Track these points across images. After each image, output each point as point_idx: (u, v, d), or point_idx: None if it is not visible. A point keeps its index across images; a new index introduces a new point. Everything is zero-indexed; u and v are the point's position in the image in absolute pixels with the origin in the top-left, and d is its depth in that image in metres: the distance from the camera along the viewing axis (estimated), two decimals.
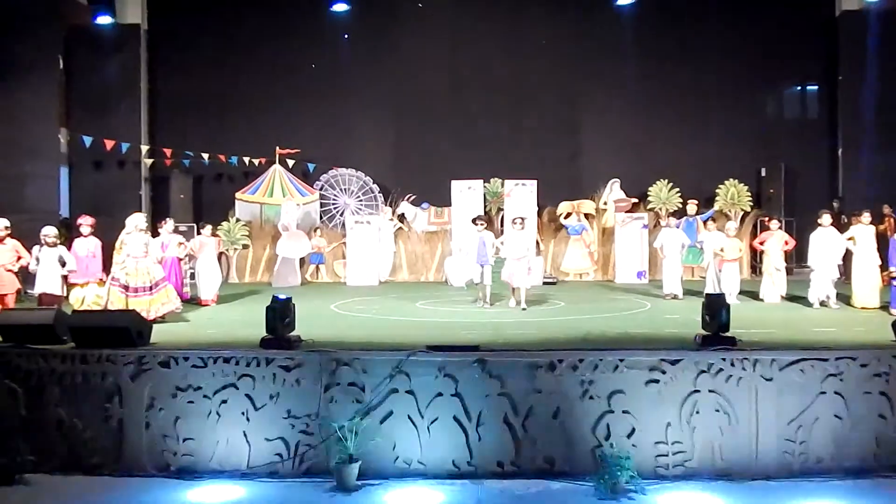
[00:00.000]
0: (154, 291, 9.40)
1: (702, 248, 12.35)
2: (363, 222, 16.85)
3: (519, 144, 17.51)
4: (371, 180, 18.39)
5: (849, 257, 11.11)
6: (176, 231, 12.39)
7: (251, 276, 17.32)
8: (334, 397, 6.36)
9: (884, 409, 6.21)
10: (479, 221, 11.02)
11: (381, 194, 18.34)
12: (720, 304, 6.81)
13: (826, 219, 10.95)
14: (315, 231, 17.51)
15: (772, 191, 17.35)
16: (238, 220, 17.25)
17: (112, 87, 16.92)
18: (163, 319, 9.32)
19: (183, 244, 11.86)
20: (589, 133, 17.70)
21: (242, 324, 9.20)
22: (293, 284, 15.95)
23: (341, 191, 18.39)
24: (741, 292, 11.71)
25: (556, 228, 17.55)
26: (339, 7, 17.78)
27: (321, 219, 18.28)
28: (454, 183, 16.86)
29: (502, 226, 17.54)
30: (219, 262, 12.72)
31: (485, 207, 17.28)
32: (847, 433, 6.18)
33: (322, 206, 18.36)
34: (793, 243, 12.04)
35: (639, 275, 16.19)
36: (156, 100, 17.71)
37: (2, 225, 9.52)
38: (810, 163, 17.24)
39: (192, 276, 12.61)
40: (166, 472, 6.35)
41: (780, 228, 12.21)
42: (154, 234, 11.39)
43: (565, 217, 17.42)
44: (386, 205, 17.99)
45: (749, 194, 17.13)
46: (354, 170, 18.35)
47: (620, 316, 9.99)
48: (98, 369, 6.51)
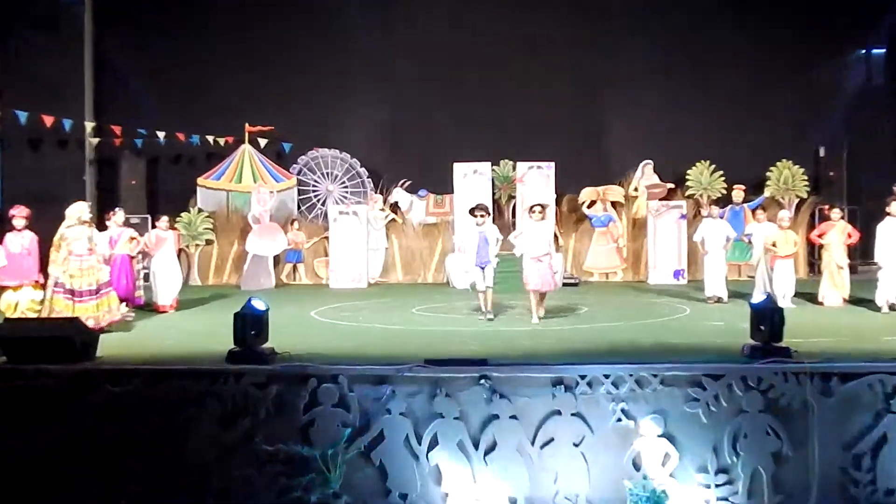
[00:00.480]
0: (100, 296, 9.36)
1: (750, 242, 12.34)
2: (349, 213, 16.78)
3: (533, 121, 17.50)
4: (358, 163, 18.37)
5: None
6: (127, 224, 12.40)
7: (216, 278, 17.33)
8: (315, 420, 6.36)
9: None
10: (478, 212, 10.23)
11: (369, 180, 18.33)
12: (772, 309, 6.79)
13: None
14: (292, 223, 17.49)
15: (832, 174, 17.34)
16: (200, 210, 17.27)
17: (53, 56, 16.90)
18: (108, 329, 9.30)
19: (135, 239, 11.85)
20: (616, 107, 17.68)
21: (206, 334, 9.20)
22: (266, 287, 15.96)
23: (323, 175, 18.38)
24: (796, 294, 11.69)
25: (578, 220, 17.56)
26: None
27: (299, 209, 18.27)
28: (457, 166, 16.83)
29: (513, 217, 17.55)
30: (178, 260, 12.71)
31: (493, 195, 17.30)
32: None
33: (300, 193, 18.35)
34: (857, 236, 12.02)
35: (676, 274, 16.20)
36: (103, 69, 17.70)
37: None
38: (877, 141, 17.22)
39: (147, 278, 12.61)
40: None
41: (843, 219, 12.19)
42: (101, 228, 11.37)
43: (589, 206, 17.41)
44: (376, 192, 17.97)
45: (805, 178, 17.12)
46: (338, 151, 18.33)
47: (654, 323, 9.97)
48: (34, 387, 6.49)
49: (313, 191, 18.32)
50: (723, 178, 17.17)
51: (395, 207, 17.86)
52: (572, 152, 17.25)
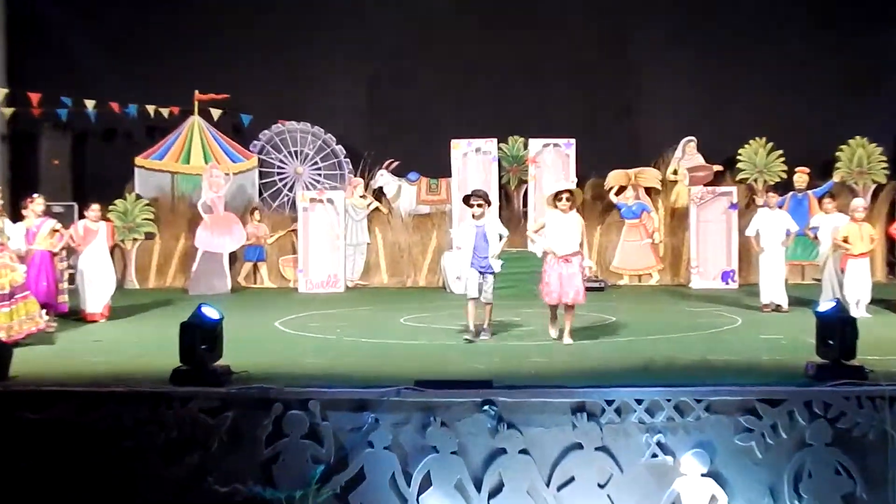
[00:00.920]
0: (13, 301, 9.35)
1: (815, 237, 12.35)
2: (322, 201, 16.79)
3: (549, 90, 17.52)
4: (333, 139, 18.36)
5: None
6: (48, 213, 12.37)
7: (158, 280, 17.35)
8: (281, 454, 6.35)
9: None
10: (475, 200, 9.73)
11: (347, 160, 18.32)
12: (842, 320, 6.79)
13: None
14: (252, 214, 17.48)
15: None
16: (139, 197, 17.25)
17: None
18: (25, 342, 9.29)
19: (58, 232, 11.82)
20: (651, 72, 17.71)
21: (145, 349, 9.20)
22: (220, 291, 15.95)
23: (290, 155, 18.36)
24: (872, 301, 11.71)
25: (605, 209, 17.56)
26: None
27: (261, 195, 18.25)
28: (455, 144, 16.85)
29: (524, 206, 17.57)
30: (111, 258, 12.69)
31: (500, 178, 17.31)
32: None
33: (262, 176, 18.33)
34: None
35: (725, 276, 16.24)
36: (19, 25, 17.62)
37: None
38: None
39: (73, 280, 12.59)
40: None
41: None
42: (15, 218, 11.35)
43: (617, 193, 17.43)
44: (356, 175, 17.99)
45: (884, 159, 17.15)
46: (309, 124, 18.32)
47: (698, 337, 9.97)
48: None
49: (279, 173, 18.30)
50: (782, 160, 17.20)
51: (379, 194, 17.85)
52: (597, 127, 17.27)
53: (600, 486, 6.29)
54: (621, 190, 17.41)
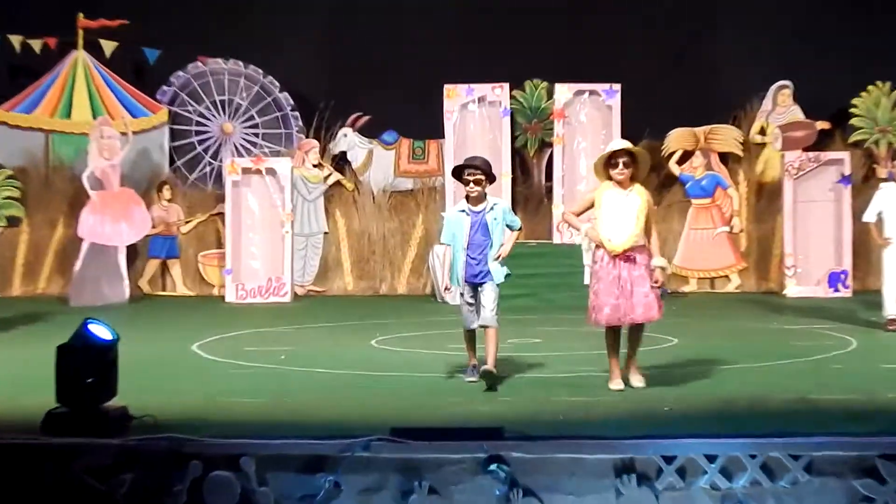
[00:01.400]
0: None
1: None
2: (260, 171, 16.85)
3: (584, 16, 17.58)
4: (277, 85, 18.35)
5: None
6: None
7: (26, 284, 17.40)
8: None
9: None
10: (470, 174, 9.17)
11: (296, 114, 18.32)
12: None
13: None
14: (160, 190, 17.48)
15: None
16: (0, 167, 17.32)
17: None
18: None
19: None
20: None
21: (7, 382, 9.11)
22: (114, 301, 15.95)
23: (215, 107, 18.31)
24: None
25: (662, 185, 17.65)
26: None
27: (173, 164, 18.26)
28: (451, 90, 16.83)
29: (547, 180, 17.58)
30: None
31: (513, 140, 17.29)
32: None
33: (175, 137, 18.34)
34: None
35: (833, 280, 16.34)
36: None
37: None
38: None
39: None
40: None
41: None
42: None
43: (680, 161, 17.44)
44: (308, 136, 18.03)
45: None
46: (241, 64, 18.29)
47: (795, 366, 9.97)
48: None
49: (198, 133, 18.27)
50: None
51: (341, 162, 17.84)
52: (651, 68, 17.28)
53: None
54: (686, 157, 17.43)
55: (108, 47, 17.73)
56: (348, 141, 17.75)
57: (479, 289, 9.19)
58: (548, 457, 6.40)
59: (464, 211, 9.25)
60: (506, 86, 16.99)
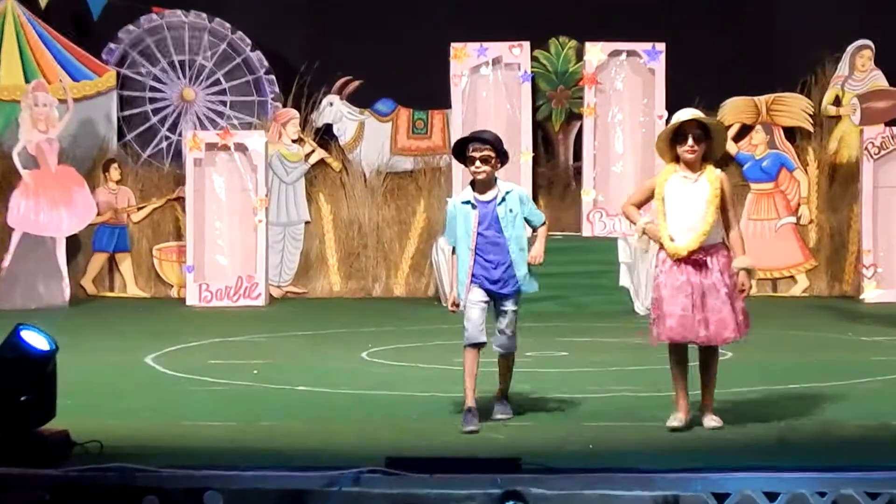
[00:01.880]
0: None
1: None
2: (228, 147, 16.89)
3: None
4: (248, 43, 18.33)
5: None
6: None
7: None
8: None
9: None
10: (476, 150, 8.59)
11: (272, 78, 18.30)
12: None
13: None
14: (108, 170, 17.52)
15: None
16: None
17: None
18: None
19: None
20: None
21: None
22: (52, 303, 16.03)
23: (173, 68, 18.31)
24: None
25: (716, 164, 17.40)
26: None
27: (121, 139, 18.28)
28: (458, 50, 16.80)
29: (576, 160, 17.54)
30: None
31: (535, 111, 17.25)
32: None
33: (126, 105, 18.37)
34: None
35: None
36: None
37: None
38: None
39: None
40: None
41: None
42: None
43: (736, 137, 17.40)
44: (286, 105, 18.09)
45: None
46: (205, 15, 18.27)
47: (874, 387, 9.98)
48: None
49: (152, 100, 18.29)
50: None
51: (324, 136, 17.87)
52: (702, 24, 17.29)
53: None
54: (745, 132, 17.43)
55: None
56: (334, 111, 17.74)
57: (500, 303, 8.72)
58: (574, 493, 6.42)
59: (468, 202, 8.68)
60: (526, 45, 16.87)
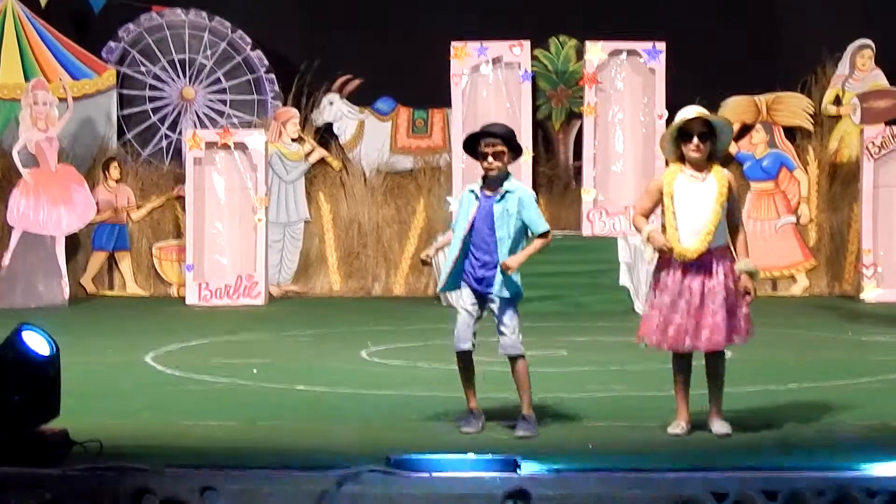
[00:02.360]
0: None
1: None
2: (228, 146, 16.88)
3: None
4: (248, 42, 18.35)
5: None
6: None
7: None
8: None
9: None
10: (488, 144, 8.37)
11: (272, 77, 18.33)
12: None
13: None
14: (108, 169, 17.53)
15: None
16: None
17: None
18: None
19: None
20: None
21: None
22: (52, 302, 16.03)
23: (173, 67, 18.31)
24: None
25: (718, 163, 17.45)
26: None
27: (121, 138, 18.31)
28: (459, 49, 16.80)
29: (576, 159, 17.55)
30: None
31: (535, 110, 17.29)
32: None
33: (126, 105, 18.40)
34: None
35: None
36: None
37: None
38: None
39: None
40: None
41: None
42: None
43: (738, 136, 17.34)
44: (286, 104, 18.09)
45: None
46: (205, 14, 18.27)
47: (875, 386, 10.01)
48: None
49: (152, 99, 18.28)
50: None
51: (324, 135, 17.88)
52: (702, 23, 17.29)
53: None
54: (745, 131, 17.42)
55: None
56: (335, 110, 17.74)
57: (491, 304, 8.44)
58: (575, 493, 6.44)
59: (473, 192, 8.48)
60: (526, 44, 16.87)
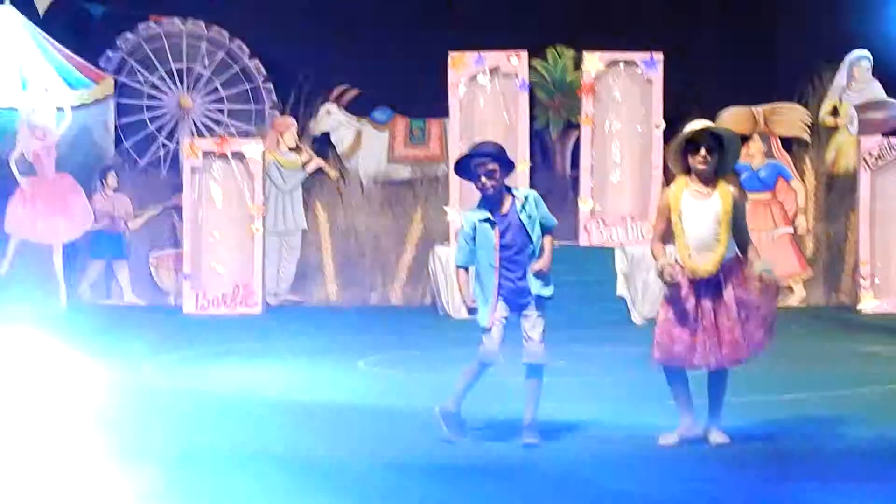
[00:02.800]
0: None
1: None
2: (226, 155, 16.82)
3: None
4: (246, 51, 18.35)
5: None
6: None
7: None
8: None
9: None
10: (481, 166, 8.16)
11: (270, 86, 18.36)
12: None
13: None
14: (105, 178, 17.47)
15: None
16: None
17: None
18: None
19: None
20: None
21: None
22: (49, 311, 15.77)
23: (171, 76, 18.29)
24: None
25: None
26: None
27: (119, 146, 18.28)
28: (456, 59, 16.77)
29: (574, 169, 17.50)
30: None
31: (532, 120, 17.26)
32: None
33: (124, 114, 18.36)
34: None
35: None
36: None
37: None
38: None
39: None
40: None
41: None
42: None
43: None
44: (284, 113, 18.06)
45: None
46: (203, 24, 18.27)
47: (871, 396, 10.00)
48: None
49: (150, 108, 18.26)
50: None
51: (322, 145, 17.89)
52: (700, 33, 17.27)
53: None
54: (742, 142, 17.41)
55: (41, 3, 17.67)
56: (332, 119, 17.71)
57: (523, 316, 8.43)
58: None
59: (487, 220, 8.27)
60: (524, 54, 16.79)
